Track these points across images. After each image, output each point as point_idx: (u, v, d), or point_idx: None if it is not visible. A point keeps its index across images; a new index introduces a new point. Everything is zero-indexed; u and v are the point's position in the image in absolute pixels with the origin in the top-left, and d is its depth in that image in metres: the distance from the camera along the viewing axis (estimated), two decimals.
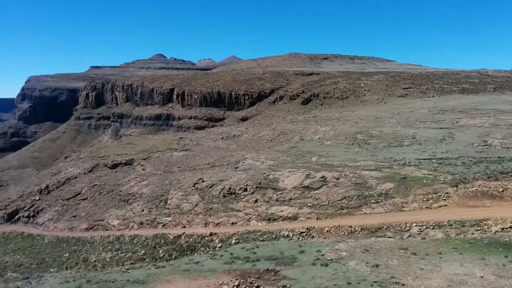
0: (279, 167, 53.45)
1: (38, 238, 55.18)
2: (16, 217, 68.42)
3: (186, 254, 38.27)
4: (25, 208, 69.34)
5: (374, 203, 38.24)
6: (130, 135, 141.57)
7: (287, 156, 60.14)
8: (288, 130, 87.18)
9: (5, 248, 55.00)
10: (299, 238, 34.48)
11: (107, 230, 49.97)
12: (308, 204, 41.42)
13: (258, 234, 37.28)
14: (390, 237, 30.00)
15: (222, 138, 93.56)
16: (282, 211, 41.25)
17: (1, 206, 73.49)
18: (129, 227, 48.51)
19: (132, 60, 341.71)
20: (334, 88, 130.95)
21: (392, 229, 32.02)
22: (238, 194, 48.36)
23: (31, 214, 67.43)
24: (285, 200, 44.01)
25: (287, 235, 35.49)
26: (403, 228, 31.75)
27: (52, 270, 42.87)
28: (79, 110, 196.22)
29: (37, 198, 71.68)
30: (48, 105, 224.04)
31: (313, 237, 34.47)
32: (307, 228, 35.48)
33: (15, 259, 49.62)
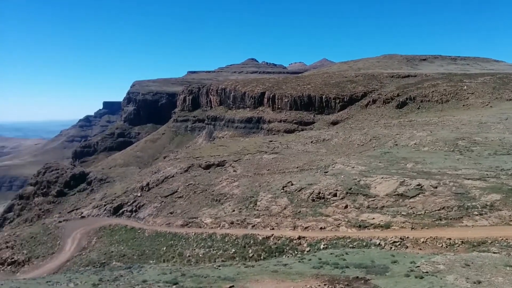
0: (371, 173, 51.65)
1: (139, 231, 59.68)
2: (121, 211, 74.84)
3: (275, 256, 38.71)
4: (129, 203, 75.53)
5: (477, 215, 35.15)
6: (223, 137, 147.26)
7: (380, 162, 57.87)
8: (381, 134, 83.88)
9: (111, 239, 60.42)
10: (391, 248, 32.98)
11: (200, 227, 52.46)
12: (402, 213, 39.42)
13: (348, 240, 36.40)
14: (495, 253, 27.34)
15: (312, 142, 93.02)
16: (373, 218, 39.78)
17: (108, 200, 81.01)
18: (221, 226, 50.40)
19: (226, 64, 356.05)
20: (433, 91, 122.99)
21: (497, 244, 29.18)
22: (327, 199, 47.70)
23: (133, 209, 73.28)
24: (377, 208, 42.38)
25: (379, 243, 34.14)
26: (511, 243, 28.78)
27: (151, 262, 46.16)
28: (177, 113, 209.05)
29: (139, 195, 77.71)
30: (150, 108, 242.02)
31: (407, 247, 32.73)
32: (400, 238, 33.80)
33: (119, 250, 54.26)
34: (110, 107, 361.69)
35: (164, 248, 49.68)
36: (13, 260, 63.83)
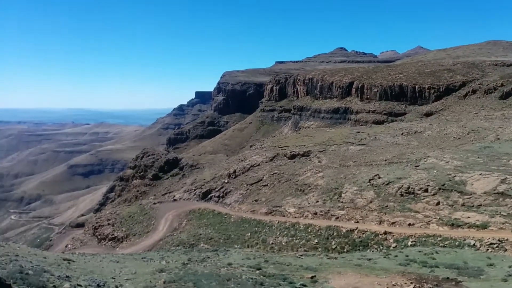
0: (468, 168, 47.81)
1: (225, 216, 62.07)
2: (209, 196, 78.36)
3: (358, 249, 37.84)
4: (216, 189, 78.77)
5: None
6: (308, 128, 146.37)
7: (478, 157, 53.30)
8: (480, 127, 77.12)
9: (199, 222, 63.65)
10: (487, 249, 30.41)
11: (284, 216, 53.02)
12: (501, 213, 36.04)
13: (439, 239, 34.27)
14: None
15: (402, 134, 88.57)
16: (468, 217, 36.92)
17: (198, 185, 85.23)
18: (304, 216, 50.43)
19: (313, 54, 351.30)
20: None
21: None
22: (417, 194, 45.24)
23: (220, 195, 76.32)
24: (473, 206, 39.23)
25: (473, 244, 31.66)
26: None
27: (236, 246, 47.80)
28: (263, 103, 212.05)
29: (226, 181, 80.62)
30: (238, 97, 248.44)
31: (505, 250, 29.96)
32: (499, 240, 31.01)
33: (207, 233, 56.98)
34: (202, 97, 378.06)
35: (249, 234, 51.13)
36: (113, 236, 70.35)
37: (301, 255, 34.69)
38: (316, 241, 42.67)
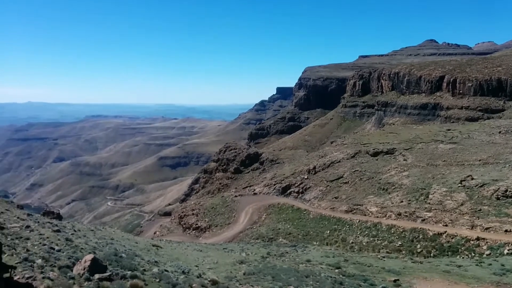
0: None
1: (304, 212, 61.84)
2: (288, 191, 78.62)
3: (447, 255, 35.49)
4: (296, 185, 78.75)
5: None
6: (393, 124, 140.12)
7: None
8: None
9: (278, 216, 64.19)
10: None
11: (365, 215, 51.44)
12: None
13: None
14: None
15: (500, 132, 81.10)
16: None
17: (277, 180, 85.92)
18: (387, 216, 48.47)
19: (400, 47, 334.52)
20: None
21: None
22: None
23: (300, 190, 76.17)
24: None
25: None
26: None
27: (315, 243, 47.44)
28: (346, 98, 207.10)
29: (305, 177, 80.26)
30: (320, 93, 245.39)
31: None
32: None
33: (286, 228, 57.28)
34: (283, 92, 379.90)
35: (328, 232, 50.44)
36: (197, 226, 73.68)
37: (383, 257, 33.42)
38: (399, 243, 40.80)
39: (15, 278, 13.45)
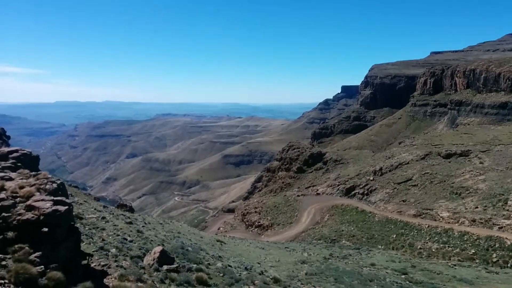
0: None
1: (369, 215, 60.07)
2: (352, 192, 76.81)
3: None
4: (360, 186, 76.74)
5: None
6: (468, 124, 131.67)
7: None
8: None
9: (342, 218, 62.93)
10: None
11: (435, 220, 48.91)
12: None
13: None
14: None
15: None
16: None
17: (341, 181, 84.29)
18: (459, 222, 45.70)
19: (477, 42, 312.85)
20: None
21: None
22: None
23: (365, 192, 74.11)
24: None
25: None
26: None
27: (380, 247, 45.93)
28: (415, 97, 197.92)
29: (371, 178, 77.93)
30: (387, 91, 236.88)
31: None
32: None
33: (349, 230, 56.01)
34: (348, 91, 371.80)
35: (394, 236, 48.61)
36: (259, 223, 74.37)
37: (454, 265, 31.58)
38: (473, 251, 38.28)
39: (92, 265, 14.44)
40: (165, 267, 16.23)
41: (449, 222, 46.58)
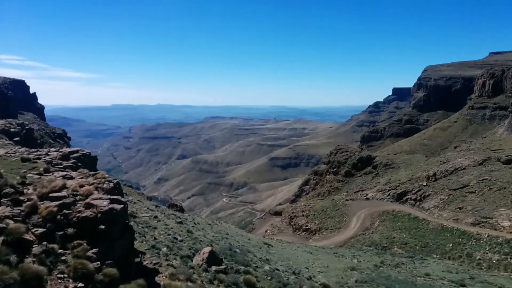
0: None
1: (423, 222, 57.67)
2: (404, 198, 74.07)
3: None
4: (413, 192, 73.87)
5: None
6: None
7: None
8: None
9: (393, 224, 60.84)
10: None
11: (495, 229, 46.10)
12: None
13: None
14: None
15: None
16: None
17: (392, 186, 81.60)
18: None
19: None
20: None
21: None
22: None
23: (417, 198, 71.24)
24: None
25: None
26: None
27: (435, 256, 43.91)
28: (473, 99, 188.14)
29: (424, 184, 74.84)
30: (442, 94, 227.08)
31: None
32: None
33: (401, 237, 54.05)
34: (399, 93, 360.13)
35: (450, 245, 46.33)
36: (307, 227, 73.59)
37: None
38: None
39: (144, 263, 14.84)
40: (213, 267, 16.38)
41: (511, 232, 43.71)
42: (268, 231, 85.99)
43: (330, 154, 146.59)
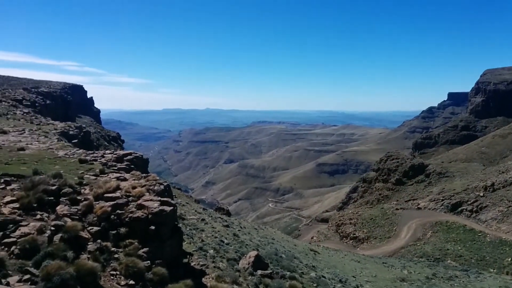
0: None
1: (479, 234, 54.72)
2: (459, 209, 70.58)
3: None
4: (468, 202, 70.28)
5: None
6: None
7: None
8: None
9: (447, 236, 58.13)
10: None
11: None
12: None
13: None
14: None
15: None
16: None
17: (446, 195, 78.03)
18: None
19: None
20: None
21: None
22: None
23: (473, 209, 67.69)
24: None
25: None
26: None
27: (492, 270, 41.51)
28: None
29: (481, 194, 71.00)
30: (502, 99, 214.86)
31: None
32: None
33: (456, 249, 51.53)
34: (455, 98, 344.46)
35: (509, 260, 43.64)
36: (354, 235, 71.96)
37: None
38: None
39: (192, 264, 15.16)
40: (259, 272, 16.42)
41: None
42: (314, 238, 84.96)
43: (380, 161, 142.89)
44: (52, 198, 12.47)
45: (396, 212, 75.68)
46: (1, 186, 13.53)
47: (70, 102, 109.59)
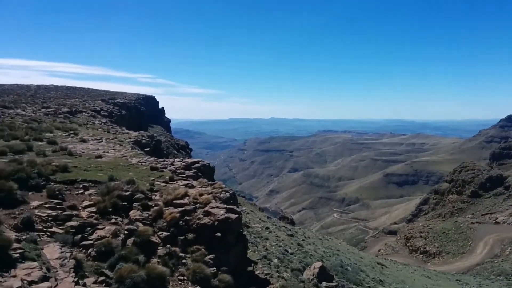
0: None
1: None
2: None
3: None
4: None
5: None
6: None
7: None
8: None
9: None
10: None
11: None
12: None
13: None
14: None
15: None
16: None
17: None
18: None
19: None
20: None
21: None
22: None
23: None
24: None
25: None
26: None
27: None
28: None
29: None
30: None
31: None
32: None
33: None
34: None
35: None
36: (425, 250, 68.28)
37: None
38: None
39: (256, 272, 15.27)
40: (324, 284, 16.14)
41: None
42: (382, 251, 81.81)
43: (453, 172, 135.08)
44: (125, 203, 13.26)
45: (472, 226, 70.84)
46: (80, 191, 14.63)
47: (143, 112, 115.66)
